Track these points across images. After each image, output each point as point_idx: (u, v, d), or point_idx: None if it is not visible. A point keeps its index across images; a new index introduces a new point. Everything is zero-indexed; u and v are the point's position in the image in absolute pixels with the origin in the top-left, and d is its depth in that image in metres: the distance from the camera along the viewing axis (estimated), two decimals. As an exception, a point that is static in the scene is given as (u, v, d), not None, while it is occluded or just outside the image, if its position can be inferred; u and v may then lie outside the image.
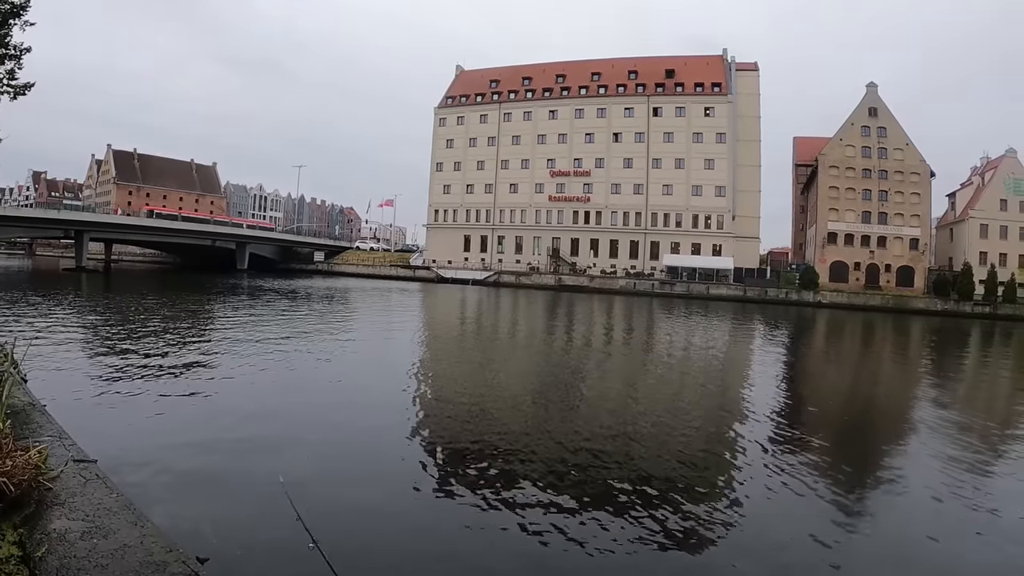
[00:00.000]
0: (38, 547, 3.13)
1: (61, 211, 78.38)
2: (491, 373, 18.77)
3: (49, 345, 17.10)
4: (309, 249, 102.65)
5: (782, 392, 18.61)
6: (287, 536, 6.06)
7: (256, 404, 12.62)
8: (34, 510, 3.52)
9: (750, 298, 70.90)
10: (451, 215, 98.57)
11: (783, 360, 26.72)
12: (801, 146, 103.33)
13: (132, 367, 15.13)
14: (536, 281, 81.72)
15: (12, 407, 5.23)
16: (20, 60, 17.59)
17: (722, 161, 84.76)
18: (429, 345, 25.97)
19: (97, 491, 3.86)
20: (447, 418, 12.53)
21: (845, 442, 12.36)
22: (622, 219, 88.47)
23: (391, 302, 47.62)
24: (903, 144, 76.73)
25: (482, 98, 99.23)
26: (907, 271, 75.78)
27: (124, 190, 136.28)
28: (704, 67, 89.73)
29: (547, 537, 7.11)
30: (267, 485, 7.56)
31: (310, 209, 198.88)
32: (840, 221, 77.74)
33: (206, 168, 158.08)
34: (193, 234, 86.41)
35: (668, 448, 10.91)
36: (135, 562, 3.09)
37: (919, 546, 7.41)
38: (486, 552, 6.88)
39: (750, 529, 7.58)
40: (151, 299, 36.36)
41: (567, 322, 38.50)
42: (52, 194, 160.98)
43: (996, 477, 10.25)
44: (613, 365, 22.27)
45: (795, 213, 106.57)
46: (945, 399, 18.43)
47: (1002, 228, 76.22)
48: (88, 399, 11.61)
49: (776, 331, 39.87)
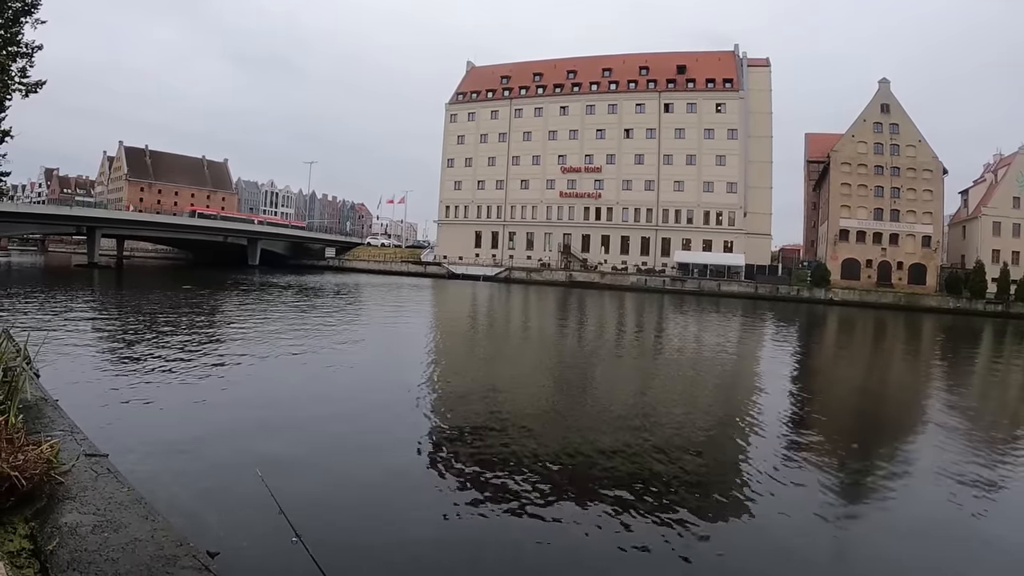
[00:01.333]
0: (49, 540, 3.15)
1: (73, 207, 78.94)
2: (497, 369, 18.78)
3: (62, 341, 17.24)
4: (320, 245, 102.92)
5: (791, 392, 18.49)
6: (272, 529, 6.05)
7: (268, 399, 12.70)
8: (46, 504, 3.55)
9: (761, 295, 70.45)
10: (462, 211, 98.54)
11: (793, 359, 26.60)
12: (813, 142, 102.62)
13: (143, 362, 15.23)
14: (547, 277, 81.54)
15: (25, 402, 5.26)
16: (32, 58, 17.65)
17: (733, 157, 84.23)
18: (438, 340, 26.00)
19: (108, 485, 3.88)
20: (455, 414, 12.53)
21: (854, 441, 12.25)
22: (633, 215, 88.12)
23: (402, 298, 47.75)
24: (915, 141, 76.06)
25: (493, 94, 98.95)
26: (919, 269, 75.16)
27: (136, 186, 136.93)
28: (716, 63, 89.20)
29: (537, 528, 7.13)
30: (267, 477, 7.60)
31: (321, 205, 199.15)
32: (852, 218, 77.17)
33: (217, 164, 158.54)
34: (205, 230, 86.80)
35: (677, 445, 10.86)
36: (146, 556, 3.11)
37: (924, 545, 7.38)
38: (474, 542, 6.90)
39: (753, 526, 7.56)
40: (163, 295, 36.55)
41: (578, 319, 38.45)
42: (64, 191, 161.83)
43: (1005, 480, 10.17)
44: (623, 362, 22.23)
45: (807, 210, 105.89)
46: (955, 399, 18.31)
47: (1015, 226, 75.50)
48: (100, 394, 11.69)
49: (787, 329, 39.68)
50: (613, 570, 6.46)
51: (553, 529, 7.15)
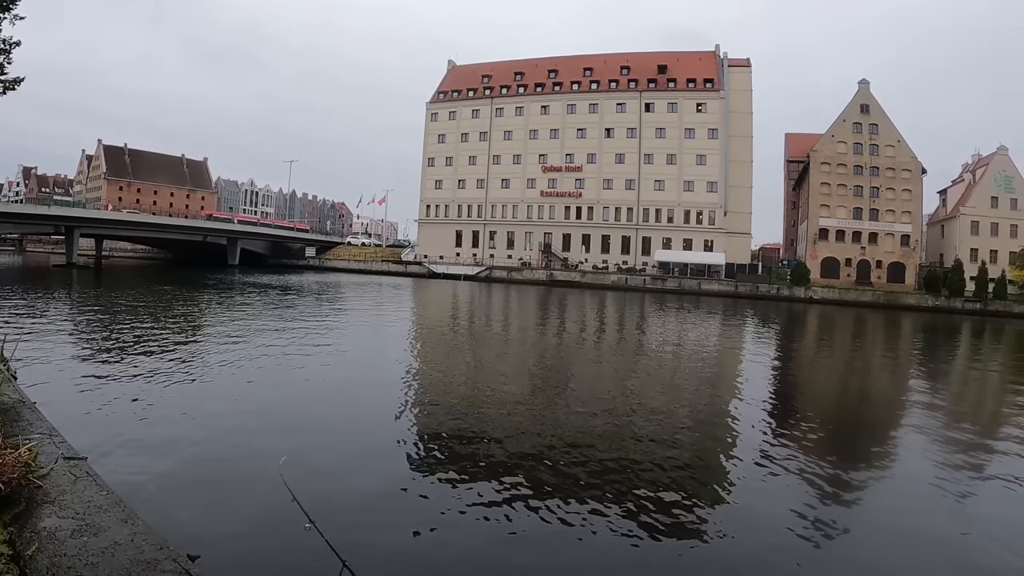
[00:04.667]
0: (28, 545, 3.12)
1: (51, 207, 77.82)
2: (483, 368, 18.77)
3: (39, 342, 17.01)
4: (301, 244, 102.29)
5: (771, 388, 18.73)
6: (281, 520, 6.07)
7: (247, 399, 12.63)
8: (24, 508, 3.51)
9: (741, 294, 71.07)
10: (443, 210, 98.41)
11: (773, 356, 26.82)
12: (792, 142, 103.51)
13: (122, 364, 15.08)
14: (528, 276, 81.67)
15: (2, 404, 5.21)
16: (9, 54, 17.39)
17: (714, 157, 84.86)
18: (420, 341, 25.96)
19: (87, 489, 3.85)
20: (440, 407, 12.54)
21: (834, 437, 12.41)
22: (614, 214, 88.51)
23: (383, 297, 47.62)
24: (895, 141, 77.11)
25: (474, 93, 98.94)
26: (898, 267, 76.19)
27: (115, 185, 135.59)
28: (697, 63, 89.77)
29: (542, 522, 7.16)
30: (260, 476, 7.59)
31: (301, 204, 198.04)
32: (832, 217, 78.11)
33: (197, 163, 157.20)
34: (184, 229, 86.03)
35: (659, 441, 10.94)
36: (125, 560, 3.09)
37: (907, 541, 7.48)
38: (482, 534, 6.96)
39: (740, 524, 7.62)
40: (142, 295, 36.19)
41: (559, 317, 38.54)
42: (42, 190, 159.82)
43: (984, 473, 10.33)
44: (605, 360, 22.31)
45: (786, 209, 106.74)
46: (934, 394, 18.57)
47: (993, 225, 76.78)
48: (78, 396, 11.55)
49: (767, 327, 40.05)
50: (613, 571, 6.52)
51: (547, 530, 7.17)
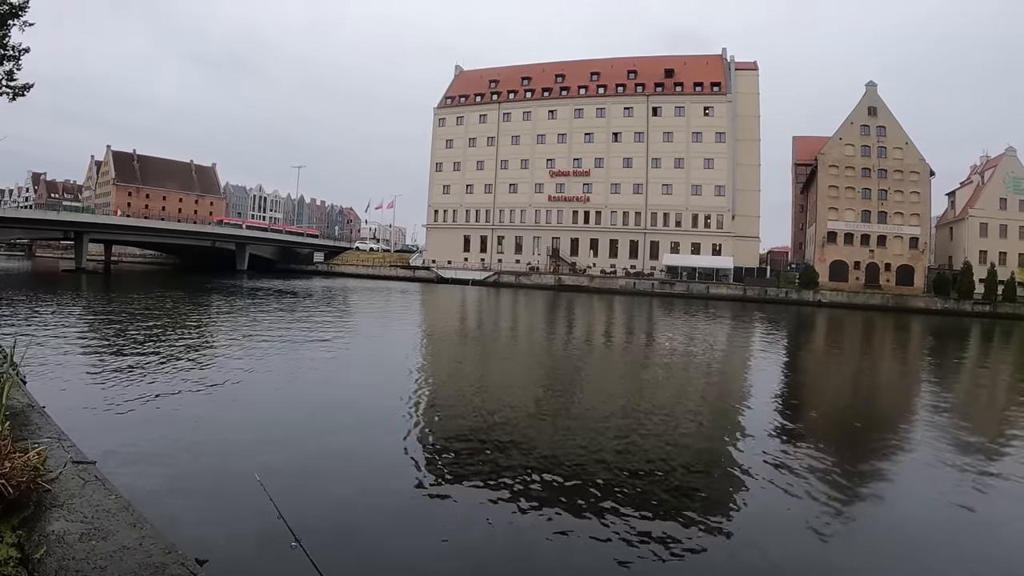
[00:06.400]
0: (37, 549, 3.12)
1: (60, 212, 78.33)
2: (488, 374, 18.77)
3: (49, 347, 17.10)
4: (309, 250, 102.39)
5: (781, 393, 18.63)
6: (291, 526, 6.04)
7: (257, 405, 12.65)
8: (33, 512, 3.52)
9: (750, 297, 70.82)
10: (451, 215, 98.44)
11: (782, 360, 26.74)
12: (800, 145, 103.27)
13: (131, 369, 15.12)
14: (536, 281, 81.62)
15: (11, 408, 5.22)
16: (19, 61, 17.53)
17: (721, 160, 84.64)
18: (430, 346, 25.96)
19: (96, 492, 3.85)
20: (440, 417, 12.53)
21: (843, 442, 12.35)
22: (622, 219, 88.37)
23: (391, 303, 47.62)
24: (902, 143, 76.71)
25: (481, 98, 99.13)
26: (907, 270, 75.75)
27: (124, 191, 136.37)
28: (704, 66, 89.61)
29: (539, 535, 7.13)
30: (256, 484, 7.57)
31: (310, 210, 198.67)
32: (840, 220, 77.72)
33: (205, 169, 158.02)
34: (193, 235, 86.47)
35: (671, 444, 10.90)
36: (134, 564, 3.08)
37: (912, 545, 7.42)
38: (472, 547, 6.90)
39: (747, 530, 7.59)
40: (150, 300, 36.34)
41: (567, 322, 38.51)
42: (52, 195, 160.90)
43: (993, 478, 10.23)
44: (614, 366, 22.28)
45: (795, 212, 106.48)
46: (944, 398, 18.45)
47: (1002, 227, 76.19)
48: (87, 401, 11.59)
49: (776, 331, 39.86)
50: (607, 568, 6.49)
51: (550, 539, 7.14)
